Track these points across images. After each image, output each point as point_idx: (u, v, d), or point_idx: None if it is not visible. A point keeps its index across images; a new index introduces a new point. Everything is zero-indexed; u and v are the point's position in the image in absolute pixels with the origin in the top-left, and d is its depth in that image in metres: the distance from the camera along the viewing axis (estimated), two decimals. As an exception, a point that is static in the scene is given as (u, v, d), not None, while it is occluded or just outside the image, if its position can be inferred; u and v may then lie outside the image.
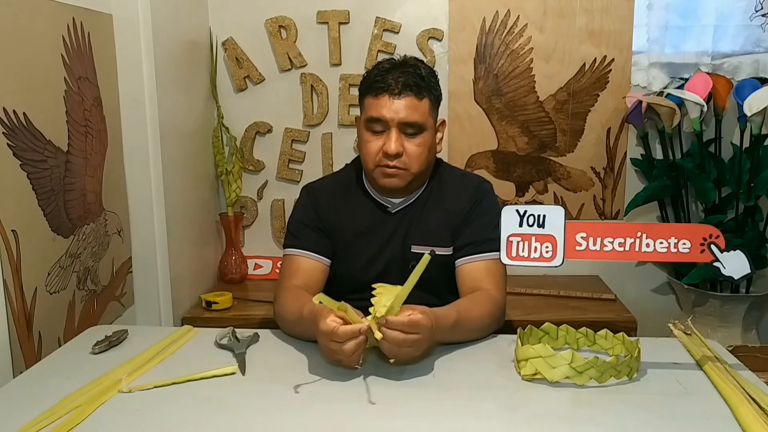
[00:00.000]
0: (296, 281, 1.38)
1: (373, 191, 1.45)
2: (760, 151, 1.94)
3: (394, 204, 1.44)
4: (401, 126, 1.33)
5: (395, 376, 1.08)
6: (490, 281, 1.36)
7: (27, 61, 1.26)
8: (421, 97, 1.34)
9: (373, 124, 1.35)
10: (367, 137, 1.37)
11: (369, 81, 1.37)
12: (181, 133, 1.87)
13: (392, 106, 1.32)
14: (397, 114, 1.32)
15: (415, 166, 1.36)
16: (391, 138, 1.33)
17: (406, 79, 1.33)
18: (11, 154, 1.21)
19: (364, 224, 1.44)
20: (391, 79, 1.33)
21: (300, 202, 1.50)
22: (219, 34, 2.12)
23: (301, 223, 1.46)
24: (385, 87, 1.33)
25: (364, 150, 1.38)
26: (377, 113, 1.33)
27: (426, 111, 1.35)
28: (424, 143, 1.36)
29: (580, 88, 2.12)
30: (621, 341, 1.16)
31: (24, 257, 1.24)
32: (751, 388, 1.00)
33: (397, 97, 1.32)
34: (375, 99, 1.34)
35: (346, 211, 1.45)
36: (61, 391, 1.02)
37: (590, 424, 0.93)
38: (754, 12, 2.05)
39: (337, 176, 1.56)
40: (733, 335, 1.99)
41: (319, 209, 1.46)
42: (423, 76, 1.35)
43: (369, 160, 1.37)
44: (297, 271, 1.40)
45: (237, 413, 0.97)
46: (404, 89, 1.32)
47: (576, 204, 2.19)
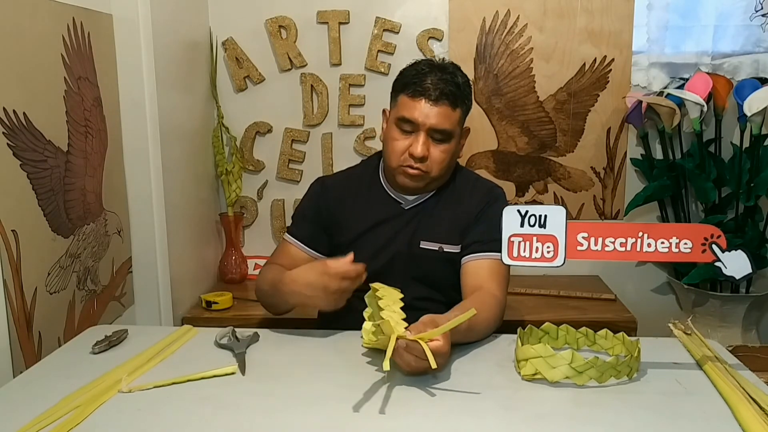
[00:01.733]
0: (280, 263, 1.44)
1: (389, 187, 1.47)
2: (760, 151, 1.94)
3: (407, 201, 1.46)
4: (430, 131, 1.35)
5: (395, 376, 1.07)
6: (493, 280, 1.36)
7: (27, 61, 1.26)
8: (455, 106, 1.35)
9: (404, 123, 1.36)
10: (395, 135, 1.38)
11: (406, 80, 1.38)
12: (181, 133, 1.87)
13: (427, 111, 1.34)
14: (429, 119, 1.34)
15: (436, 170, 1.38)
16: (419, 141, 1.35)
17: (444, 87, 1.34)
18: (11, 154, 1.21)
19: (375, 218, 1.46)
20: (429, 83, 1.34)
21: (308, 193, 1.54)
22: (219, 34, 2.12)
23: (303, 213, 1.52)
24: (422, 90, 1.34)
25: (389, 147, 1.40)
26: (410, 115, 1.35)
27: (456, 120, 1.37)
28: (448, 150, 1.38)
29: (580, 88, 2.12)
30: (621, 341, 1.16)
31: (24, 257, 1.24)
32: (751, 388, 1.00)
33: (433, 103, 1.33)
34: (411, 100, 1.35)
35: (357, 207, 1.47)
36: (61, 391, 1.02)
37: (590, 424, 0.93)
38: (754, 12, 2.05)
39: (351, 172, 1.57)
40: (733, 335, 1.99)
41: (325, 204, 1.49)
42: (459, 84, 1.37)
43: (393, 157, 1.39)
44: (286, 256, 1.47)
45: (237, 413, 0.97)
46: (441, 97, 1.33)
47: (576, 204, 2.19)
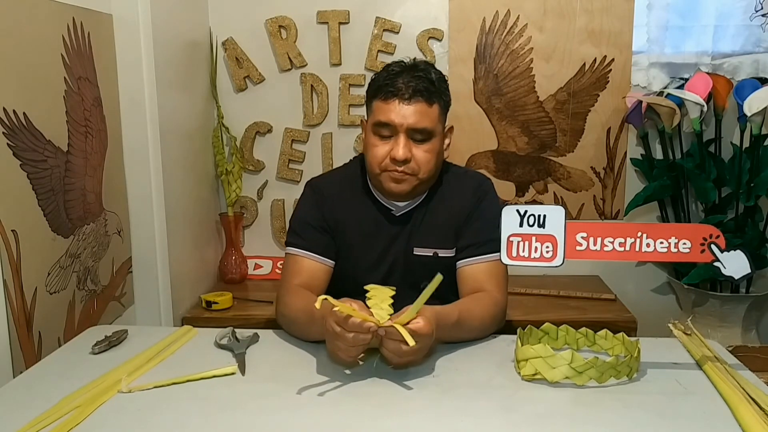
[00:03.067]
0: (299, 282, 1.36)
1: (378, 194, 1.43)
2: (760, 151, 1.94)
3: (398, 207, 1.43)
4: (410, 132, 1.31)
5: (396, 376, 1.08)
6: (491, 282, 1.35)
7: (27, 61, 1.26)
8: (431, 103, 1.32)
9: (381, 128, 1.33)
10: (374, 141, 1.34)
11: (378, 84, 1.34)
12: (181, 133, 1.87)
13: (402, 111, 1.30)
14: (406, 119, 1.30)
15: (423, 172, 1.34)
16: (400, 144, 1.31)
17: (417, 84, 1.30)
18: (11, 154, 1.21)
19: (368, 226, 1.43)
20: (401, 84, 1.30)
21: (304, 199, 1.46)
22: (219, 34, 2.12)
23: (305, 221, 1.42)
24: (395, 91, 1.30)
25: (370, 154, 1.36)
26: (386, 118, 1.31)
27: (435, 117, 1.33)
28: (432, 149, 1.34)
29: (580, 88, 2.12)
30: (621, 341, 1.16)
31: (24, 257, 1.24)
32: (751, 388, 1.00)
33: (407, 103, 1.30)
34: (384, 103, 1.32)
35: (351, 211, 1.43)
36: (61, 391, 1.02)
37: (590, 424, 0.93)
38: (754, 12, 2.05)
39: (341, 173, 1.52)
40: (733, 335, 1.99)
41: (324, 207, 1.43)
42: (433, 80, 1.33)
43: (375, 164, 1.35)
44: (300, 271, 1.38)
45: (237, 413, 0.97)
46: (414, 94, 1.30)
47: (576, 204, 2.19)
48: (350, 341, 1.03)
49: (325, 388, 1.04)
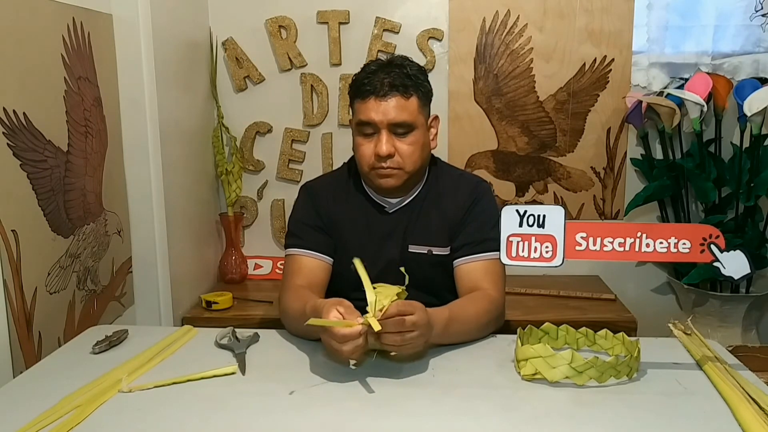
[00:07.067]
0: (299, 281, 1.37)
1: (371, 191, 1.46)
2: (760, 151, 1.94)
3: (391, 204, 1.44)
4: (391, 127, 1.33)
5: (395, 375, 1.08)
6: (488, 281, 1.36)
7: (27, 61, 1.26)
8: (408, 95, 1.33)
9: (364, 127, 1.35)
10: (360, 140, 1.37)
11: (356, 84, 1.37)
12: (181, 133, 1.87)
13: (379, 107, 1.32)
14: (385, 115, 1.32)
15: (409, 165, 1.36)
16: (382, 140, 1.33)
17: (392, 79, 1.32)
18: (11, 154, 1.21)
19: (362, 224, 1.44)
20: (377, 81, 1.33)
21: (300, 202, 1.50)
22: (219, 34, 2.12)
23: (302, 222, 1.45)
24: (371, 89, 1.33)
25: (357, 153, 1.39)
26: (365, 116, 1.34)
27: (415, 109, 1.35)
28: (416, 142, 1.36)
29: (580, 88, 2.12)
30: (621, 341, 1.16)
31: (24, 257, 1.24)
32: (751, 388, 1.00)
33: (383, 99, 1.32)
34: (363, 102, 1.34)
35: (345, 210, 1.46)
36: (61, 391, 1.02)
37: (590, 424, 0.93)
38: (754, 12, 2.05)
39: (334, 175, 1.56)
40: (733, 335, 1.99)
41: (320, 208, 1.46)
42: (410, 74, 1.35)
43: (363, 162, 1.38)
44: (300, 270, 1.40)
45: (237, 413, 0.97)
46: (390, 90, 1.32)
47: (576, 204, 2.19)
48: (348, 352, 1.04)
49: (325, 388, 1.04)
